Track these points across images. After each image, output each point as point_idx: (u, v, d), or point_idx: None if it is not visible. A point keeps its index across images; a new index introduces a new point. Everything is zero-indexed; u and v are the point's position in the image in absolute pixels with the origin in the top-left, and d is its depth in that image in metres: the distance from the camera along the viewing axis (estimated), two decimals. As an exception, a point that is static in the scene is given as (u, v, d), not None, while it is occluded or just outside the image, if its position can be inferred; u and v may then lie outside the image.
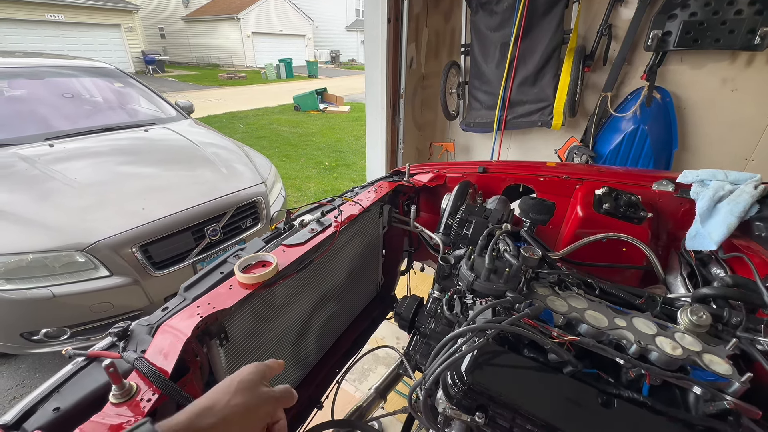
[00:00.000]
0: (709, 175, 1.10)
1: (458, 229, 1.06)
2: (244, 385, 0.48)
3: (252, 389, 0.48)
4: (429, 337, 0.92)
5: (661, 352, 0.66)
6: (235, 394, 0.46)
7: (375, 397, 1.32)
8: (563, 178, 1.32)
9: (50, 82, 3.00)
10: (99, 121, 2.92)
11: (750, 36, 1.80)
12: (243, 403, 0.46)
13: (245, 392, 0.47)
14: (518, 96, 2.47)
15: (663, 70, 2.15)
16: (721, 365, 0.64)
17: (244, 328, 0.85)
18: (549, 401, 0.62)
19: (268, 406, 0.48)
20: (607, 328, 0.71)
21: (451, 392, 0.67)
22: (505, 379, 0.66)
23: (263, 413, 0.48)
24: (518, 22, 2.27)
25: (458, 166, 1.54)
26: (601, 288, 0.85)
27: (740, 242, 0.97)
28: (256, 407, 0.47)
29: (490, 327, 0.66)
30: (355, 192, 1.36)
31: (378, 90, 2.65)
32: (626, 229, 1.07)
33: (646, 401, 0.62)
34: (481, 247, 0.88)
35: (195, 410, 0.43)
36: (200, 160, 2.68)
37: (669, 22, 1.95)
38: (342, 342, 1.33)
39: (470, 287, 0.80)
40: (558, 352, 0.65)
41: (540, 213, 1.00)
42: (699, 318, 0.70)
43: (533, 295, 0.78)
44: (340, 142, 7.70)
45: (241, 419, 0.45)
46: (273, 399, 0.49)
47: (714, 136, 2.20)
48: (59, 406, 0.60)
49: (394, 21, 2.47)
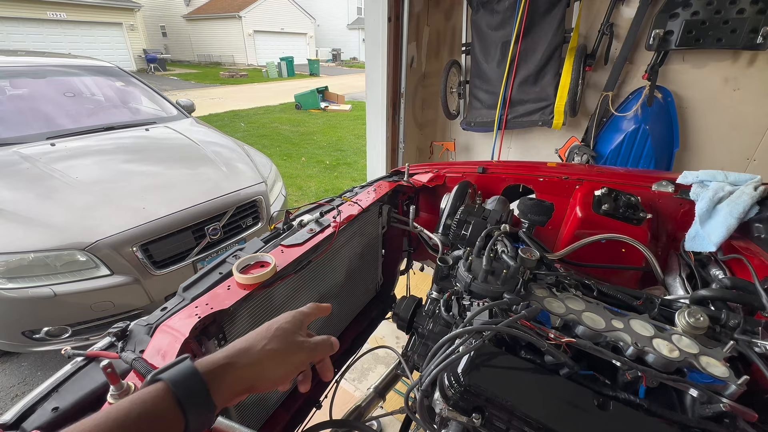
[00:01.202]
0: (709, 176, 1.10)
1: (457, 229, 1.06)
2: (279, 333, 0.49)
3: (286, 337, 0.49)
4: (427, 337, 0.92)
5: (658, 354, 0.66)
6: (270, 339, 0.48)
7: (374, 397, 1.32)
8: (563, 179, 1.32)
9: (52, 81, 3.01)
10: (100, 120, 2.93)
11: (752, 35, 1.79)
12: (277, 349, 0.47)
13: (280, 339, 0.49)
14: (519, 95, 2.46)
15: (664, 70, 2.14)
16: (718, 368, 0.64)
17: (243, 329, 0.85)
18: (545, 403, 0.62)
19: (301, 355, 0.50)
20: (605, 330, 0.71)
21: (448, 393, 0.67)
22: (501, 380, 0.66)
23: (297, 361, 0.49)
24: (519, 21, 2.26)
25: (458, 166, 1.54)
26: (599, 289, 0.85)
27: (739, 244, 0.97)
28: (290, 354, 0.48)
29: (486, 329, 0.66)
30: (354, 192, 1.36)
31: (378, 89, 2.65)
32: (625, 230, 1.07)
33: (642, 403, 0.62)
34: (479, 248, 0.88)
35: (232, 351, 0.45)
36: (201, 159, 2.68)
37: (671, 21, 1.94)
38: (341, 341, 1.33)
39: (468, 288, 0.80)
40: (554, 354, 0.65)
41: (538, 214, 1.00)
42: (696, 320, 0.70)
43: (531, 297, 0.78)
44: (341, 141, 7.70)
45: (274, 364, 0.47)
46: (307, 349, 0.51)
47: (715, 136, 2.19)
48: (58, 406, 0.61)
49: (395, 20, 2.47)
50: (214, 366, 0.42)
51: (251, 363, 0.45)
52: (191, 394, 0.38)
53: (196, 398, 0.39)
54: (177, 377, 0.39)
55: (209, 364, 0.42)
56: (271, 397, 1.03)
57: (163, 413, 0.37)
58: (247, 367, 0.44)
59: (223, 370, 0.42)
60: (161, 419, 0.37)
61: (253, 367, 0.45)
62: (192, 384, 0.39)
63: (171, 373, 0.40)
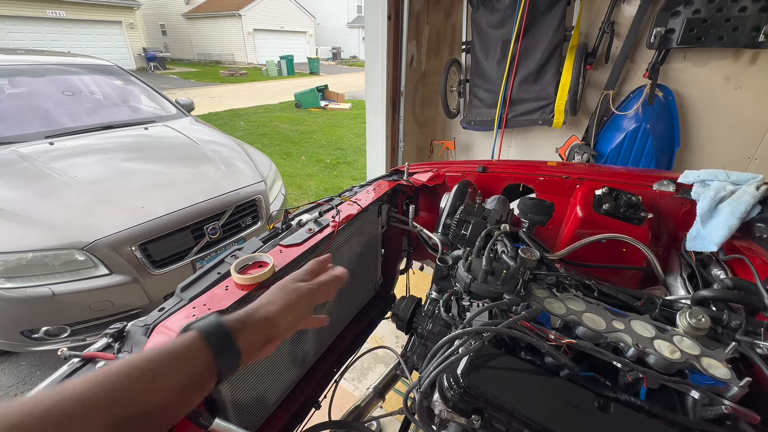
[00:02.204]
0: (711, 175, 1.09)
1: (456, 229, 1.06)
2: (280, 287, 0.60)
3: (286, 287, 0.60)
4: (426, 338, 0.92)
5: (659, 355, 0.65)
6: (274, 295, 0.58)
7: (373, 397, 1.32)
8: (563, 178, 1.31)
9: (50, 80, 3.00)
10: (99, 118, 2.92)
11: (754, 33, 1.78)
12: (280, 300, 0.57)
13: (281, 292, 0.59)
14: (519, 94, 2.45)
15: (665, 68, 2.13)
16: (720, 369, 0.64)
17: (241, 329, 0.85)
18: (545, 404, 0.62)
19: (305, 298, 0.60)
20: (605, 331, 0.70)
21: (447, 395, 0.67)
22: (501, 381, 0.65)
23: (302, 304, 0.59)
24: (519, 19, 2.25)
25: (458, 165, 1.53)
26: (599, 290, 0.84)
27: (741, 243, 0.96)
28: (293, 301, 0.58)
29: (486, 330, 0.65)
30: (353, 191, 1.35)
31: (378, 88, 2.64)
32: (626, 229, 1.07)
33: (643, 405, 0.62)
34: (479, 248, 0.87)
35: (244, 311, 0.53)
36: (200, 158, 2.68)
37: (672, 19, 1.93)
38: (340, 341, 1.33)
39: (467, 289, 0.79)
40: (555, 355, 0.65)
41: (539, 214, 0.99)
42: (698, 321, 0.69)
43: (531, 297, 0.78)
44: (341, 140, 7.68)
45: (281, 314, 0.55)
46: (308, 291, 0.61)
47: (717, 134, 2.18)
48: (53, 408, 0.60)
49: (395, 18, 2.45)
50: (232, 321, 0.49)
51: (263, 317, 0.53)
52: (218, 339, 0.46)
53: (223, 342, 0.46)
54: (205, 326, 0.46)
55: (228, 319, 0.49)
56: (269, 398, 1.02)
57: (197, 352, 0.43)
58: (260, 320, 0.52)
59: (240, 322, 0.50)
60: (196, 357, 0.43)
61: (266, 319, 0.53)
62: (217, 330, 0.46)
63: (200, 323, 0.47)
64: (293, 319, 0.57)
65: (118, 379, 0.37)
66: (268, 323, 0.53)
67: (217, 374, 0.45)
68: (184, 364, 0.42)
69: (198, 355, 0.43)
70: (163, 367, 0.40)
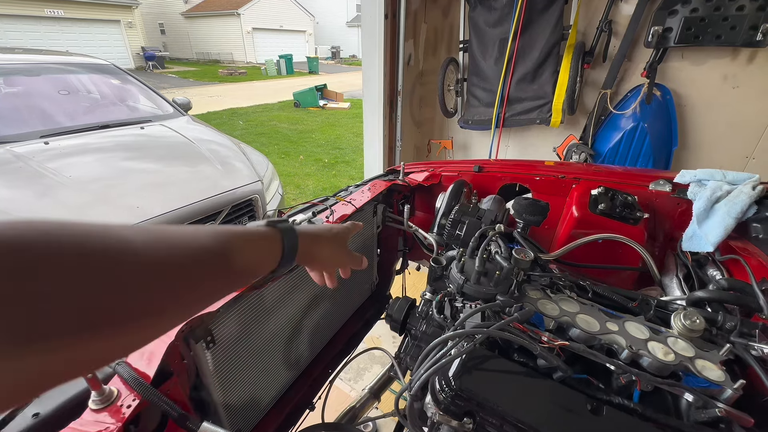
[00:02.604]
0: (707, 174, 1.08)
1: (451, 229, 1.05)
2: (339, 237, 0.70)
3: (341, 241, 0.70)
4: (420, 339, 0.91)
5: (653, 357, 0.64)
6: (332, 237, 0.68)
7: (369, 398, 1.32)
8: (559, 178, 1.31)
9: (46, 79, 2.98)
10: (95, 118, 2.90)
11: (752, 32, 1.77)
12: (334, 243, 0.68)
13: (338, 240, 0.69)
14: (517, 93, 2.44)
15: (663, 67, 2.12)
16: (714, 371, 0.63)
17: (232, 331, 0.84)
18: (537, 408, 0.61)
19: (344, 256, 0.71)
20: (599, 333, 0.70)
21: (439, 397, 0.66)
22: (493, 384, 0.64)
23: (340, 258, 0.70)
24: (517, 17, 2.24)
25: (454, 164, 1.53)
26: (594, 291, 0.84)
27: (737, 244, 0.96)
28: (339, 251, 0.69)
29: (477, 332, 0.64)
30: (348, 191, 1.34)
31: (375, 87, 2.63)
32: (622, 229, 1.06)
33: (636, 408, 0.61)
34: (473, 248, 0.86)
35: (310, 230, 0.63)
36: (196, 158, 2.66)
37: (670, 18, 1.92)
38: (335, 342, 1.32)
39: (460, 290, 0.78)
40: (547, 357, 0.64)
41: (533, 214, 0.99)
42: (692, 322, 0.68)
43: (524, 299, 0.77)
44: (339, 139, 7.67)
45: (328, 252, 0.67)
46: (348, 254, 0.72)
47: (714, 134, 2.18)
48: (39, 412, 0.60)
49: (392, 17, 2.45)
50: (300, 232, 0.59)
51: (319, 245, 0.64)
52: (289, 237, 0.56)
53: (291, 237, 0.56)
54: (283, 225, 0.57)
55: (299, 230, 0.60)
56: (262, 399, 1.01)
57: (270, 235, 0.54)
58: (315, 243, 0.63)
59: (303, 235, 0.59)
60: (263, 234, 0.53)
61: (318, 244, 0.64)
62: (290, 230, 0.57)
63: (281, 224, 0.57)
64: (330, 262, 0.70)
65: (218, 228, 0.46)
66: (316, 250, 0.64)
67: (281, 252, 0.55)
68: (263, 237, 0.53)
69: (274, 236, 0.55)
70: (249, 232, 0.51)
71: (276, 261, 0.55)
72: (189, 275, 0.38)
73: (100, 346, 0.30)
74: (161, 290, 0.35)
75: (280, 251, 0.55)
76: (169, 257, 0.36)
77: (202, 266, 0.40)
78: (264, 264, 0.53)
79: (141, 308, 0.33)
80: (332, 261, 0.70)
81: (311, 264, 0.68)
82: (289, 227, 0.58)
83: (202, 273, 0.41)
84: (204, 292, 0.42)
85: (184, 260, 0.38)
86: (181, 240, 0.39)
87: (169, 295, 0.36)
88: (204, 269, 0.41)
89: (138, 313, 0.32)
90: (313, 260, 0.66)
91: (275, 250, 0.54)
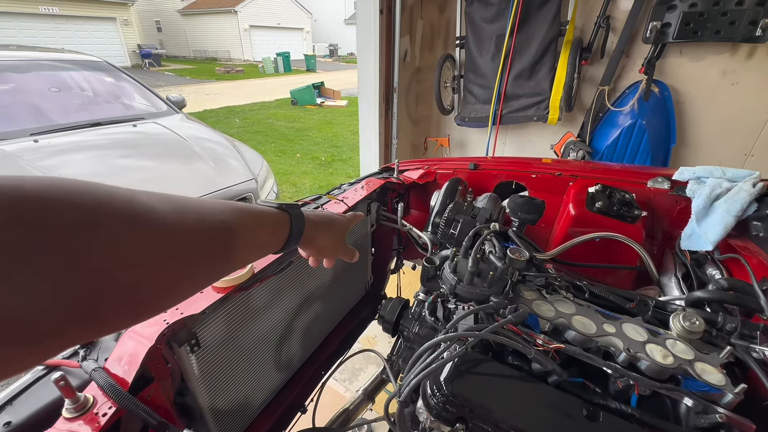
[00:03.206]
0: (706, 172, 1.06)
1: (445, 228, 1.02)
2: (341, 230, 0.72)
3: (341, 234, 0.72)
4: (412, 341, 0.88)
5: (652, 360, 0.62)
6: (336, 229, 0.70)
7: (362, 400, 1.29)
8: (556, 175, 1.28)
9: (37, 76, 2.93)
10: (86, 116, 2.86)
11: (751, 27, 1.75)
12: (334, 235, 0.70)
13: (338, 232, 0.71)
14: (514, 90, 2.42)
15: (661, 63, 2.10)
16: (714, 375, 0.61)
17: (218, 333, 0.81)
18: (531, 413, 0.59)
19: (341, 248, 0.73)
20: (595, 335, 0.67)
21: (431, 402, 0.64)
22: (486, 389, 0.62)
23: (338, 249, 0.73)
24: (514, 13, 2.21)
25: (449, 162, 1.50)
26: (590, 291, 0.81)
27: (737, 242, 0.93)
28: (337, 242, 0.72)
29: (469, 335, 0.62)
30: (342, 189, 1.31)
31: (371, 83, 2.60)
32: (620, 228, 1.04)
33: (633, 413, 0.59)
34: (466, 248, 0.84)
35: (318, 217, 0.65)
36: (189, 156, 2.63)
37: (668, 13, 1.90)
38: (329, 343, 1.29)
39: (453, 291, 0.76)
40: (542, 361, 0.62)
41: (529, 212, 0.96)
42: (692, 324, 0.66)
43: (519, 300, 0.74)
44: (336, 137, 7.63)
45: (327, 241, 0.68)
46: (345, 247, 0.75)
47: (713, 130, 2.16)
48: (11, 420, 0.57)
49: (387, 12, 2.41)
50: (307, 218, 0.60)
51: (320, 232, 0.65)
52: (297, 222, 0.57)
53: (299, 223, 0.58)
54: (293, 211, 0.58)
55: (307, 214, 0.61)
56: (252, 403, 0.99)
57: (280, 218, 0.55)
58: (318, 231, 0.64)
59: (309, 222, 0.60)
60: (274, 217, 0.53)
61: (320, 232, 0.65)
62: (299, 216, 0.58)
63: (291, 208, 0.58)
64: (329, 250, 0.71)
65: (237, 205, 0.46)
66: (317, 236, 0.64)
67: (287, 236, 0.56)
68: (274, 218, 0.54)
69: (284, 220, 0.56)
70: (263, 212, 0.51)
71: (280, 244, 0.56)
72: (210, 249, 0.38)
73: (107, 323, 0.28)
74: (181, 260, 0.33)
75: (286, 234, 0.56)
76: (195, 227, 0.35)
77: (223, 240, 0.40)
78: (269, 246, 0.54)
79: (162, 281, 0.31)
80: (329, 250, 0.71)
81: (309, 249, 0.69)
82: (298, 213, 0.59)
83: (225, 247, 0.40)
84: (216, 267, 0.41)
85: (208, 233, 0.37)
86: (205, 212, 0.38)
87: (187, 267, 0.34)
88: (225, 243, 0.40)
89: (160, 286, 0.31)
90: (311, 246, 0.67)
91: (282, 233, 0.55)
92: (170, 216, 0.32)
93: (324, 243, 0.68)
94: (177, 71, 18.57)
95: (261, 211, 0.51)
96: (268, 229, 0.52)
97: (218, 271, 0.42)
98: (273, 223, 0.53)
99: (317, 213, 0.66)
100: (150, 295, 0.31)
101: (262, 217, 0.50)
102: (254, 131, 7.92)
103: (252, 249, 0.48)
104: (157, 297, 0.32)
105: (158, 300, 0.32)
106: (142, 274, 0.29)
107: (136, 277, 0.28)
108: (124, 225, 0.27)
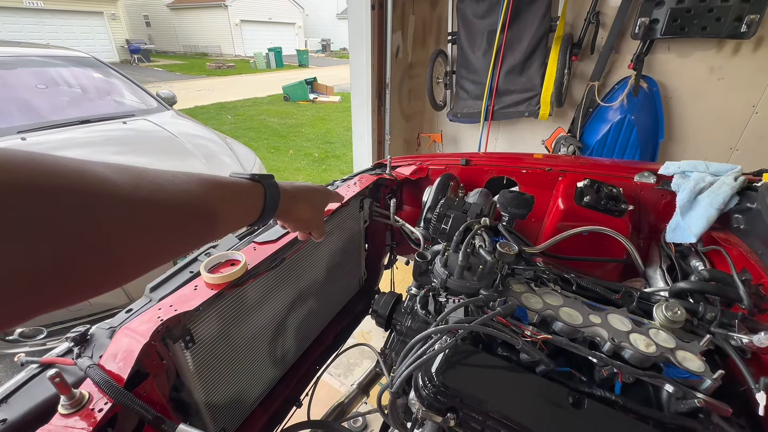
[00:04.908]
0: (691, 166, 1.09)
1: (437, 223, 1.04)
2: (319, 204, 0.75)
3: (320, 208, 0.75)
4: (405, 335, 0.90)
5: (635, 349, 0.64)
6: (312, 205, 0.71)
7: (357, 393, 1.31)
8: (546, 170, 1.30)
9: (23, 73, 2.88)
10: (75, 113, 2.82)
11: (737, 24, 1.78)
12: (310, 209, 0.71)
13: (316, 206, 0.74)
14: (505, 85, 2.43)
15: (650, 59, 2.13)
16: (694, 362, 0.63)
17: (213, 329, 0.82)
18: (519, 402, 0.61)
19: (316, 221, 0.75)
20: (582, 326, 0.70)
21: (422, 393, 0.65)
22: (476, 379, 0.64)
23: (314, 222, 0.75)
24: (505, 9, 2.22)
25: (441, 158, 1.51)
26: (578, 283, 0.83)
27: (719, 235, 0.96)
28: (314, 216, 0.73)
29: (458, 327, 0.64)
30: (335, 185, 1.32)
31: (363, 79, 2.59)
32: (607, 221, 1.06)
33: (617, 400, 0.61)
34: (457, 242, 0.86)
35: (293, 189, 0.64)
36: (180, 153, 2.61)
37: (656, 9, 1.93)
38: (323, 338, 1.31)
39: (444, 285, 0.77)
40: (529, 351, 0.63)
41: (518, 207, 0.98)
42: (674, 314, 0.69)
43: (508, 293, 0.76)
44: (329, 133, 7.60)
45: (302, 216, 0.70)
46: (319, 222, 0.77)
47: (700, 125, 2.20)
48: (6, 418, 0.57)
49: (379, 8, 2.40)
50: (282, 188, 0.60)
51: (298, 202, 0.66)
52: (272, 192, 0.57)
53: (273, 193, 0.57)
54: (266, 180, 0.57)
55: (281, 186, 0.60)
56: (248, 397, 1.00)
57: (252, 189, 0.54)
58: (296, 202, 0.65)
59: (284, 193, 0.60)
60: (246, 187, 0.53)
61: (298, 203, 0.66)
62: (273, 186, 0.58)
63: (264, 178, 0.57)
64: (304, 224, 0.72)
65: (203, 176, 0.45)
66: (292, 207, 0.64)
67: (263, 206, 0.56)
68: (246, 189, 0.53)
69: (257, 190, 0.55)
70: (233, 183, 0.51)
71: (256, 215, 0.55)
72: (171, 218, 0.37)
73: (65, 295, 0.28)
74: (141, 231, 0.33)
75: (261, 205, 0.55)
76: (152, 196, 0.34)
77: (186, 211, 0.39)
78: (244, 217, 0.54)
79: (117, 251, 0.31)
80: (308, 222, 0.72)
81: (288, 222, 0.69)
82: (272, 183, 0.57)
83: (186, 218, 0.39)
84: (183, 239, 0.40)
85: (168, 202, 0.37)
86: (164, 181, 0.37)
87: (148, 238, 0.34)
88: (188, 214, 0.40)
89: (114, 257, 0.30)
90: (290, 218, 0.67)
91: (257, 203, 0.55)
92: (125, 186, 0.32)
93: (304, 214, 0.68)
94: (167, 67, 18.29)
95: (231, 182, 0.50)
96: (239, 200, 0.51)
97: (183, 242, 0.41)
98: (245, 193, 0.52)
99: (293, 184, 0.65)
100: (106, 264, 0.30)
101: (231, 186, 0.49)
102: (246, 128, 7.86)
103: (223, 220, 0.46)
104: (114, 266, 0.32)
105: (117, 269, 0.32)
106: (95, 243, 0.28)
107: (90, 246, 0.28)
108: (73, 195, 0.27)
